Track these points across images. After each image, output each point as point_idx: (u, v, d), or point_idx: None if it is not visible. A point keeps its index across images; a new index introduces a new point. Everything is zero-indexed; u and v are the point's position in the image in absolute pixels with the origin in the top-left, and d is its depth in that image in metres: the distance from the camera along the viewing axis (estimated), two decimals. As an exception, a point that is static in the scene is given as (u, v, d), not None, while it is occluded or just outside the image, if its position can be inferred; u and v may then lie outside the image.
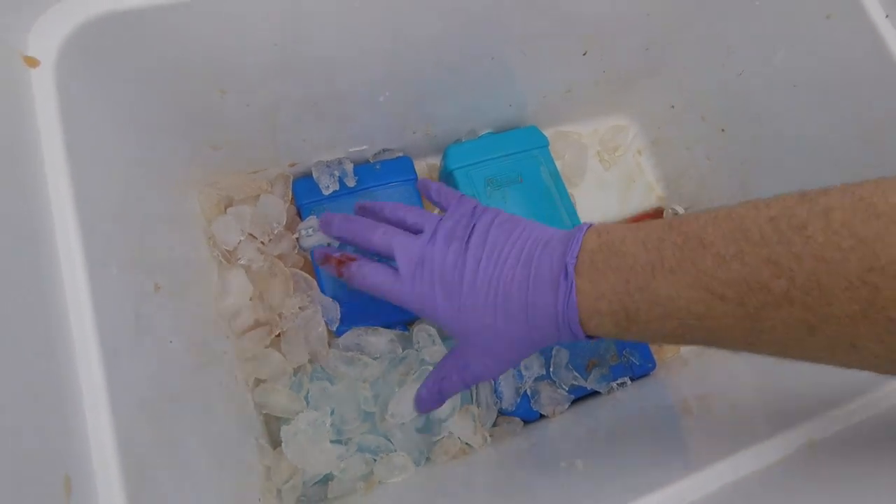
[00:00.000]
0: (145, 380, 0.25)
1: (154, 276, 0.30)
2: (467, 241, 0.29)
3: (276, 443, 0.39)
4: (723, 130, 0.47)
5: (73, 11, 0.25)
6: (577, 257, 0.25)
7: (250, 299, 0.42)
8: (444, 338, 0.45)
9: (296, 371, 0.41)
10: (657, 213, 0.58)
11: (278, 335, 0.41)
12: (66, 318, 0.22)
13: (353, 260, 0.33)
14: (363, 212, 0.37)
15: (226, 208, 0.43)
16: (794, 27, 0.37)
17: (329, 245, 0.45)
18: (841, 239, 0.19)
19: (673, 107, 0.52)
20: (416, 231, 0.32)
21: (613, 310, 0.24)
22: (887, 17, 0.32)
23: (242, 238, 0.42)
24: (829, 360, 0.21)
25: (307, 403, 0.40)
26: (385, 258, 0.32)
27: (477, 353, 0.29)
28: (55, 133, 0.24)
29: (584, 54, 0.45)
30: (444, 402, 0.33)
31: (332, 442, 0.40)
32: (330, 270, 0.34)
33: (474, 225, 0.30)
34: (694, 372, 0.46)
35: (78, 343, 0.21)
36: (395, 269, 0.31)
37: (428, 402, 0.33)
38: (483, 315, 0.27)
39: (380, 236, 0.32)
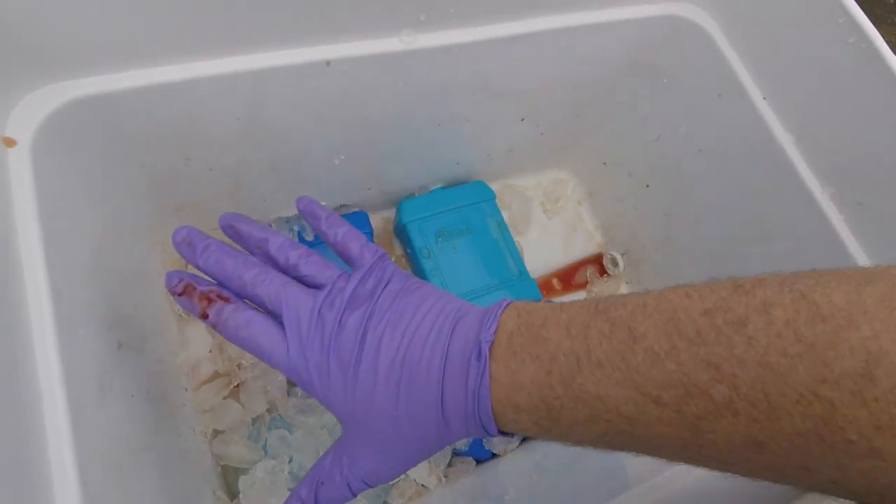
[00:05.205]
0: (108, 435, 0.27)
1: (118, 333, 0.31)
2: (372, 308, 0.24)
3: (234, 494, 0.40)
4: (647, 186, 0.53)
5: (51, 97, 0.28)
6: (493, 337, 0.22)
7: (209, 351, 0.43)
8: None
9: (254, 421, 0.43)
10: (597, 259, 0.63)
11: (237, 386, 0.43)
12: (36, 381, 0.23)
13: (226, 301, 0.25)
14: (234, 234, 0.28)
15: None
16: (694, 102, 0.43)
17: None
18: (787, 343, 0.16)
19: (605, 164, 0.58)
20: (311, 284, 0.25)
21: (533, 405, 0.21)
22: (765, 98, 0.38)
23: (203, 292, 0.43)
24: (780, 481, 0.19)
25: (265, 452, 0.41)
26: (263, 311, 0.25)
27: (367, 446, 0.24)
28: (29, 206, 0.26)
29: (522, 120, 0.50)
30: None
31: (290, 490, 0.41)
32: (189, 307, 0.25)
33: (382, 290, 0.25)
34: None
35: (47, 404, 0.23)
36: (280, 327, 0.24)
37: None
38: (382, 399, 0.23)
39: (266, 283, 0.24)
